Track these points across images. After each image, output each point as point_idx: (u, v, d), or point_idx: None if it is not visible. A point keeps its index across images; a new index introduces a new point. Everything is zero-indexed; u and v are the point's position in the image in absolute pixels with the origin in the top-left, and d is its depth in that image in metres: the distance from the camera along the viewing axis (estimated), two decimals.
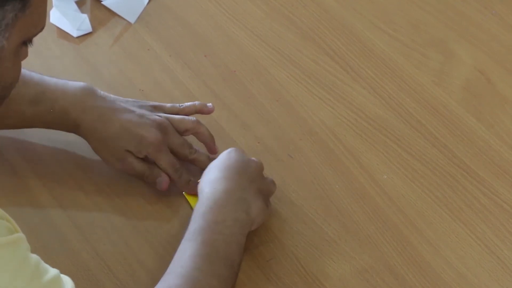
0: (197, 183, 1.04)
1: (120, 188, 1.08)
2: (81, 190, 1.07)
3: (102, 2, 1.29)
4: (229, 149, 1.03)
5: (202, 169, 1.05)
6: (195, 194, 1.04)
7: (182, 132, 1.08)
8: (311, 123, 1.16)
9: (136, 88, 1.19)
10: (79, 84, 1.06)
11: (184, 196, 1.06)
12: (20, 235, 0.79)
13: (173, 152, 1.06)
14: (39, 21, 0.80)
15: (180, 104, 1.11)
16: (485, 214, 1.07)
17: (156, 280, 0.97)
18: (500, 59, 1.24)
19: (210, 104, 1.12)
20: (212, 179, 0.99)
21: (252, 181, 1.00)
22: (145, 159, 1.05)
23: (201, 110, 1.11)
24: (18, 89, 1.02)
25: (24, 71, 1.04)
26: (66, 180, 1.08)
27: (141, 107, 1.07)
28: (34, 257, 0.80)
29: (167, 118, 1.07)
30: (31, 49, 1.19)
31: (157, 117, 1.06)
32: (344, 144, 1.14)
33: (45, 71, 1.19)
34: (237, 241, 0.96)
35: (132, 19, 1.27)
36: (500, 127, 1.16)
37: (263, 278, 1.01)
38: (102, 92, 1.07)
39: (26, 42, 0.81)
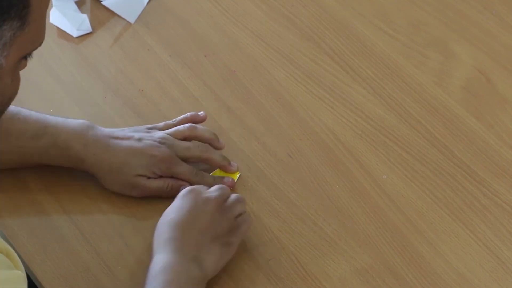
0: (222, 178, 1.06)
1: None
2: (81, 190, 1.07)
3: (102, 2, 1.29)
4: (184, 191, 1.01)
5: (216, 166, 1.07)
6: None
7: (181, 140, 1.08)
8: (311, 123, 1.16)
9: (136, 88, 1.19)
10: (78, 120, 1.06)
11: None
12: (19, 273, 0.77)
13: (185, 160, 1.06)
14: (38, 38, 0.79)
15: (173, 120, 1.11)
16: (485, 214, 1.07)
17: None
18: (500, 59, 1.24)
19: (202, 112, 1.12)
20: (162, 241, 0.97)
21: (205, 231, 0.98)
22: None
23: (194, 120, 1.11)
24: (19, 126, 1.03)
25: (24, 109, 1.05)
26: (66, 180, 1.08)
27: (136, 131, 1.07)
28: None
29: (165, 133, 1.08)
30: None
31: (155, 135, 1.07)
32: (344, 144, 1.14)
33: (45, 71, 1.20)
34: None
35: (132, 19, 1.27)
36: (500, 127, 1.16)
37: (263, 278, 1.01)
38: (99, 127, 1.07)
39: (26, 56, 0.80)
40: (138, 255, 1.02)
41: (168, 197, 1.04)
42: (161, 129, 1.09)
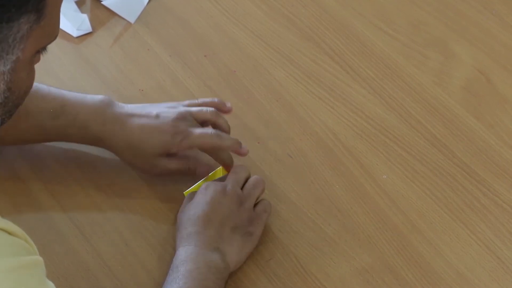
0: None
1: (120, 188, 1.08)
2: (81, 190, 1.07)
3: (102, 2, 1.29)
4: (203, 186, 1.02)
5: (228, 149, 1.06)
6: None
7: (200, 123, 1.07)
8: (311, 123, 1.16)
9: (136, 88, 1.19)
10: (98, 96, 1.06)
11: (184, 196, 1.07)
12: (39, 258, 0.78)
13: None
14: (54, 31, 0.80)
15: (199, 99, 1.10)
16: (485, 214, 1.07)
17: (156, 280, 0.97)
18: (500, 59, 1.24)
19: (229, 104, 1.11)
20: (185, 235, 0.98)
21: (225, 223, 0.99)
22: (178, 153, 1.05)
23: (220, 108, 1.10)
24: (37, 103, 1.03)
25: (43, 86, 1.04)
26: (66, 180, 1.08)
27: (157, 107, 1.07)
28: (50, 284, 0.78)
29: (186, 110, 1.07)
30: None
31: (173, 109, 1.06)
32: (344, 144, 1.14)
33: (45, 71, 1.19)
34: (212, 286, 0.95)
35: (132, 19, 1.27)
36: (500, 127, 1.16)
37: (263, 278, 1.01)
38: (120, 103, 1.06)
39: (40, 50, 0.80)
40: (138, 255, 1.02)
41: (188, 174, 1.05)
42: (184, 105, 1.08)
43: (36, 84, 1.03)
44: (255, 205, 1.03)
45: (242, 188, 1.04)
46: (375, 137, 1.14)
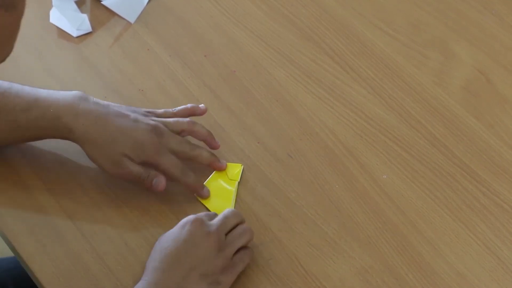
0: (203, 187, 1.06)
1: (120, 188, 1.08)
2: (81, 190, 1.07)
3: (102, 2, 1.29)
4: (186, 219, 0.98)
5: (206, 165, 1.06)
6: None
7: (178, 134, 1.07)
8: (311, 123, 1.16)
9: (136, 88, 1.19)
10: (72, 91, 1.05)
11: (197, 198, 1.07)
12: None
13: (174, 154, 1.06)
14: None
15: (173, 109, 1.11)
16: (485, 214, 1.07)
17: None
18: (500, 59, 1.24)
19: (203, 105, 1.12)
20: (150, 268, 0.95)
21: (195, 268, 0.95)
22: (142, 164, 1.04)
23: (194, 112, 1.11)
24: (10, 99, 1.02)
25: (16, 84, 1.04)
26: (66, 181, 1.08)
27: (134, 112, 1.06)
28: None
29: (162, 122, 1.07)
30: (31, 49, 1.20)
31: (152, 121, 1.06)
32: (344, 144, 1.14)
33: (45, 71, 1.19)
34: None
35: (132, 19, 1.27)
36: (500, 127, 1.16)
37: (263, 278, 1.01)
38: (95, 99, 1.05)
39: None
40: (138, 255, 1.02)
41: (145, 187, 1.04)
42: (159, 116, 1.08)
43: (10, 83, 1.03)
44: (237, 251, 0.99)
45: (229, 233, 1.00)
46: (375, 137, 1.14)
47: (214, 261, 0.96)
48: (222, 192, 1.07)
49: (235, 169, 1.09)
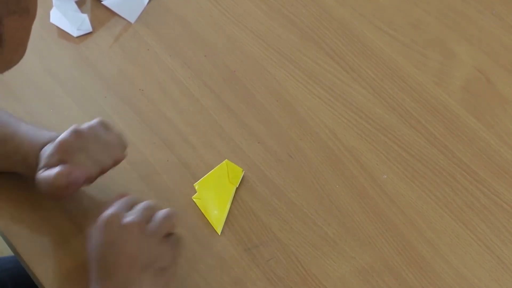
0: None
1: (120, 188, 1.08)
2: (81, 190, 1.07)
3: (102, 2, 1.29)
4: (100, 220, 0.92)
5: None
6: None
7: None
8: (311, 123, 1.16)
9: (136, 88, 1.19)
10: (51, 132, 1.03)
11: (193, 201, 1.07)
12: None
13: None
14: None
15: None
16: (485, 214, 1.07)
17: None
18: (500, 59, 1.24)
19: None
20: (93, 279, 0.91)
21: (133, 263, 0.89)
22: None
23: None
24: None
25: (5, 114, 1.04)
26: None
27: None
28: None
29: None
30: (31, 49, 1.19)
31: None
32: (344, 144, 1.14)
33: (45, 71, 1.19)
34: None
35: (132, 19, 1.27)
36: (500, 127, 1.16)
37: (263, 278, 1.01)
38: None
39: None
40: None
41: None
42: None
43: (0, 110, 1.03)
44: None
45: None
46: (375, 137, 1.14)
47: (146, 250, 0.90)
48: (219, 195, 1.07)
49: (236, 173, 1.09)
